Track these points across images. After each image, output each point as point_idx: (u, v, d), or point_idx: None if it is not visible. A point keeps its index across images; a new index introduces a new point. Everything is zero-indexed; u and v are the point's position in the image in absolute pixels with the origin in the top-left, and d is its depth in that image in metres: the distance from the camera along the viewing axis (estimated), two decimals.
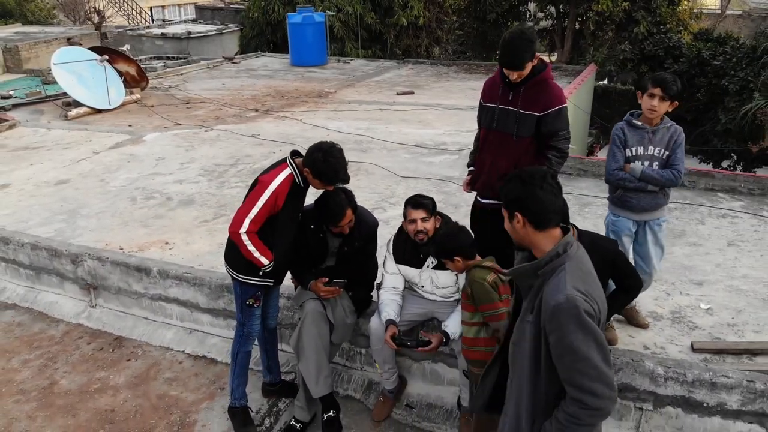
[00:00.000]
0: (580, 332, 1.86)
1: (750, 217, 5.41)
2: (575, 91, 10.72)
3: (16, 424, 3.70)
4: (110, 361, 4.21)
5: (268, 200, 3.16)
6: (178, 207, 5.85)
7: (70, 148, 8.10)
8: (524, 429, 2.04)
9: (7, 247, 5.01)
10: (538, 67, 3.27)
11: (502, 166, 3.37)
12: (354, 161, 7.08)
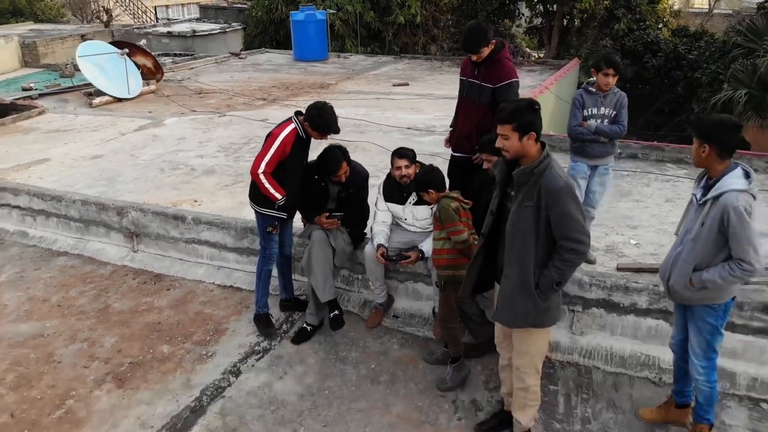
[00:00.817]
0: (573, 202, 2.83)
1: (690, 182, 6.33)
2: (556, 83, 11.66)
3: (80, 334, 4.63)
4: (153, 290, 5.15)
5: (278, 148, 4.10)
6: (201, 175, 6.79)
7: (98, 131, 9.03)
8: (531, 280, 2.94)
9: (60, 203, 5.94)
10: (496, 49, 4.20)
11: (467, 126, 4.33)
12: (352, 140, 8.06)
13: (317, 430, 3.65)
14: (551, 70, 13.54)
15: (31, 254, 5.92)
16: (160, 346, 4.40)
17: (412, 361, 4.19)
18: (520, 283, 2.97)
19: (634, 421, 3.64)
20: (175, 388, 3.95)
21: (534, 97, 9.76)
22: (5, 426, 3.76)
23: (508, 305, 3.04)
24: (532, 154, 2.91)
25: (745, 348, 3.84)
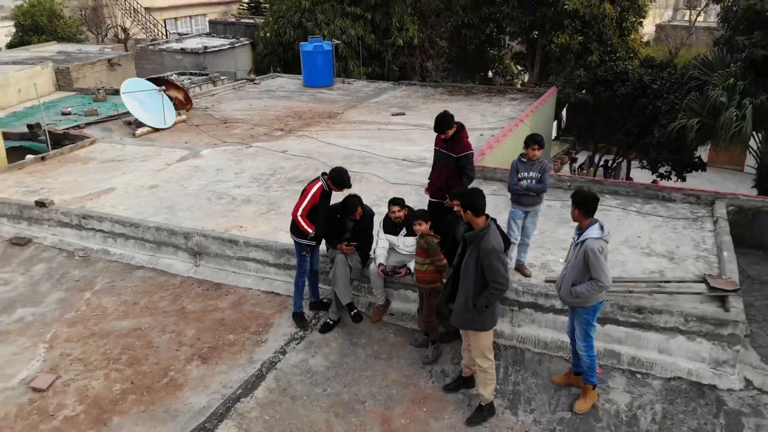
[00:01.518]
0: (497, 259, 4.66)
1: (620, 211, 8.22)
2: (531, 114, 13.53)
3: (167, 327, 6.50)
4: (215, 295, 7.02)
5: (311, 199, 5.98)
6: (241, 204, 8.67)
7: (147, 161, 10.91)
8: (471, 302, 4.78)
9: (137, 229, 7.80)
10: (458, 130, 6.08)
11: (440, 182, 6.22)
12: (358, 171, 9.94)
13: (339, 389, 5.52)
14: (531, 98, 15.41)
15: (115, 268, 7.79)
16: (227, 335, 6.28)
17: (402, 345, 6.07)
18: (464, 303, 4.84)
19: (549, 384, 5.52)
20: (243, 363, 5.82)
21: (510, 130, 11.72)
22: (129, 390, 5.63)
23: (458, 315, 4.92)
24: (478, 223, 4.77)
25: (626, 336, 5.71)
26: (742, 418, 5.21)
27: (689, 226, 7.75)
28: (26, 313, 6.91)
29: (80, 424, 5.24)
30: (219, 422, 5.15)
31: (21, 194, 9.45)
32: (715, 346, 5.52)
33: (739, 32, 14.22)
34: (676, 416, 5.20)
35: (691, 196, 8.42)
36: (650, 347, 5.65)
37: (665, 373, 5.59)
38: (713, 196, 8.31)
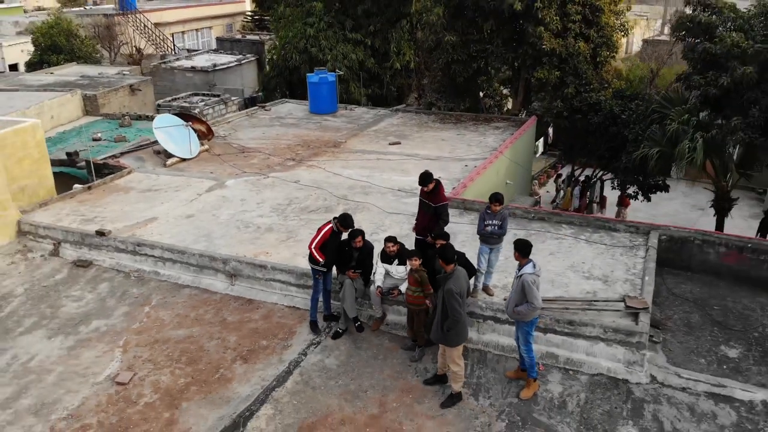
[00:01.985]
0: (452, 299, 6.56)
1: (572, 239, 10.12)
2: (511, 145, 15.43)
3: (214, 335, 8.38)
4: (248, 309, 8.91)
5: (322, 237, 7.89)
6: (265, 233, 10.57)
7: (180, 191, 12.80)
8: (441, 327, 6.69)
9: (183, 255, 9.70)
10: (436, 185, 8.00)
11: (423, 224, 8.13)
12: (360, 201, 11.85)
13: (347, 381, 7.41)
14: (513, 127, 17.31)
15: (165, 286, 9.69)
16: (260, 341, 8.17)
17: (395, 349, 7.96)
18: (437, 326, 6.76)
19: (503, 377, 7.41)
20: (275, 362, 7.72)
21: (490, 162, 13.59)
22: (191, 382, 7.51)
23: (434, 333, 6.82)
24: (447, 269, 6.67)
25: (562, 342, 7.60)
26: (644, 404, 7.12)
27: (626, 253, 9.66)
28: (100, 324, 8.80)
29: (157, 408, 7.13)
30: (260, 405, 7.05)
31: (78, 222, 11.35)
32: (627, 351, 7.42)
33: (696, 71, 16.13)
34: (594, 402, 7.11)
35: (632, 227, 10.32)
36: (580, 351, 7.55)
37: (590, 370, 7.49)
38: (649, 228, 10.21)
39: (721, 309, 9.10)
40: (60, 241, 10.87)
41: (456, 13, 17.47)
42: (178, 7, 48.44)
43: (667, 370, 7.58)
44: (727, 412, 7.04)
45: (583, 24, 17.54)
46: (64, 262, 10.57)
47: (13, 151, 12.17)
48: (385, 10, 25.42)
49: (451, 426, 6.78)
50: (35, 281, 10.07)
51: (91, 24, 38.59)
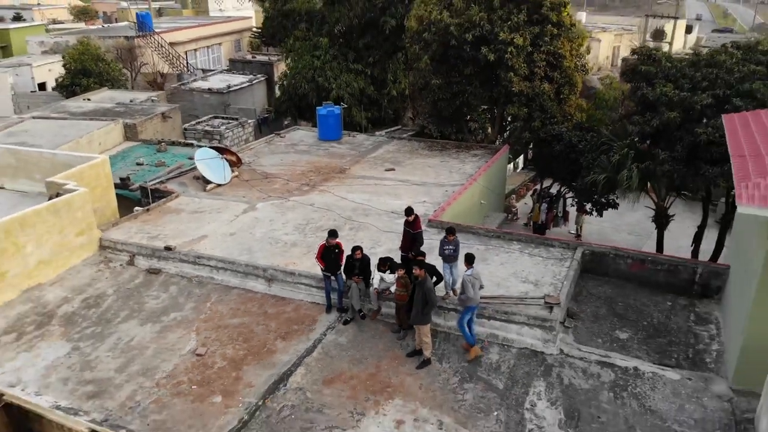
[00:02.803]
0: (430, 292, 10.13)
1: (518, 253, 13.63)
2: (485, 173, 18.93)
3: (260, 322, 11.90)
4: (282, 304, 12.43)
5: (318, 251, 11.55)
6: (291, 247, 14.08)
7: (222, 213, 16.30)
8: (419, 311, 10.21)
9: (233, 264, 13.21)
10: (415, 217, 11.56)
11: (405, 243, 11.71)
12: (362, 222, 15.36)
13: (354, 353, 10.93)
14: (489, 155, 20.81)
15: (220, 288, 13.19)
16: (293, 326, 11.69)
17: (386, 331, 11.48)
18: (416, 313, 10.30)
19: (460, 349, 10.93)
20: (304, 340, 11.23)
21: (465, 188, 17.09)
22: (247, 354, 11.03)
23: (413, 318, 10.35)
24: (422, 275, 10.19)
25: (500, 326, 11.11)
26: (552, 368, 10.63)
27: (556, 263, 13.18)
28: (176, 315, 12.31)
29: (227, 370, 10.64)
30: (296, 367, 10.56)
31: (146, 239, 14.86)
32: (544, 332, 10.94)
33: (637, 112, 19.62)
34: (519, 366, 10.62)
35: (564, 244, 13.84)
36: (512, 332, 11.06)
37: (519, 345, 11.00)
38: (577, 244, 13.73)
39: (624, 305, 12.63)
40: (135, 254, 14.37)
41: (441, 60, 20.98)
42: (190, 27, 51.97)
43: (572, 346, 11.10)
44: (608, 373, 10.55)
45: (548, 68, 21.02)
46: (139, 270, 14.08)
47: (89, 182, 15.67)
48: (383, 44, 28.93)
49: (422, 380, 10.30)
50: (120, 284, 13.58)
51: (114, 46, 42.08)
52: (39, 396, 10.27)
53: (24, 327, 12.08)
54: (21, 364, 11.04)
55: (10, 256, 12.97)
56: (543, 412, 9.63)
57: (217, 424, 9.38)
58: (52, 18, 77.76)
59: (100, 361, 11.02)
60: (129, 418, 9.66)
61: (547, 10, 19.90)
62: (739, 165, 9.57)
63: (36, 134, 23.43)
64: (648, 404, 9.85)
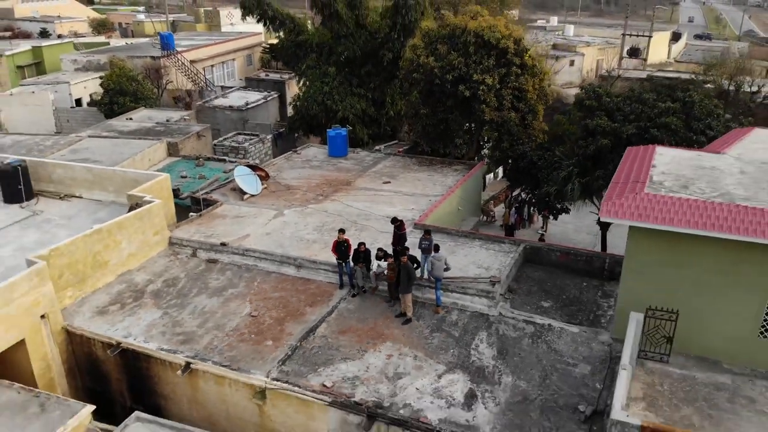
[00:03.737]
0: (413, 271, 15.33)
1: (479, 248, 18.73)
2: (462, 185, 24.03)
3: (293, 298, 17.02)
4: (308, 284, 17.55)
5: (332, 245, 16.69)
6: (312, 244, 19.22)
7: (258, 218, 21.42)
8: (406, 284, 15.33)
9: (273, 256, 18.33)
10: (400, 224, 16.72)
11: (394, 240, 16.86)
12: (365, 224, 20.56)
13: (359, 315, 16.04)
14: (466, 169, 25.90)
15: (262, 273, 18.31)
16: (317, 298, 16.82)
17: (381, 301, 16.61)
18: (405, 285, 15.43)
19: (430, 312, 16.04)
20: (325, 306, 16.36)
21: (445, 198, 22.28)
22: (286, 315, 16.16)
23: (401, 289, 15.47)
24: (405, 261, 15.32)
25: (459, 297, 16.22)
26: (492, 324, 15.73)
27: (504, 255, 18.29)
28: (233, 291, 17.42)
29: (274, 325, 15.76)
30: (320, 324, 15.67)
31: (204, 237, 19.96)
32: (489, 301, 16.05)
33: (581, 137, 24.69)
34: (471, 323, 15.73)
35: (512, 241, 18.92)
36: (467, 301, 16.17)
37: (471, 309, 16.10)
38: (521, 241, 18.82)
39: (551, 284, 17.71)
40: (196, 248, 19.49)
41: (427, 94, 26.08)
42: (208, 45, 57.01)
43: (508, 310, 16.20)
44: (530, 327, 15.64)
45: (514, 100, 26.09)
46: (201, 260, 19.19)
47: (157, 194, 20.75)
48: (382, 72, 34.09)
49: (405, 331, 15.39)
50: (188, 270, 18.68)
51: (142, 66, 47.19)
52: (146, 343, 15.38)
53: (124, 300, 17.21)
54: (128, 324, 16.15)
55: (111, 250, 18.10)
56: (483, 351, 14.73)
57: (271, 357, 14.50)
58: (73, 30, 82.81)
59: (185, 321, 16.15)
60: (211, 355, 14.77)
61: (511, 56, 24.98)
62: (611, 189, 14.65)
63: (96, 152, 28.56)
64: (553, 346, 14.95)
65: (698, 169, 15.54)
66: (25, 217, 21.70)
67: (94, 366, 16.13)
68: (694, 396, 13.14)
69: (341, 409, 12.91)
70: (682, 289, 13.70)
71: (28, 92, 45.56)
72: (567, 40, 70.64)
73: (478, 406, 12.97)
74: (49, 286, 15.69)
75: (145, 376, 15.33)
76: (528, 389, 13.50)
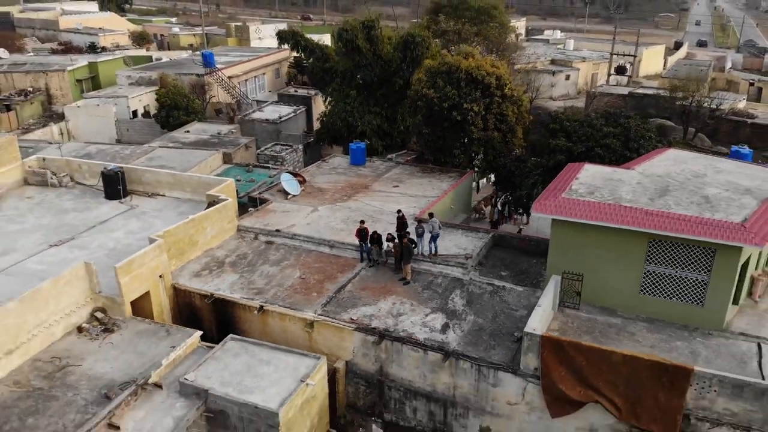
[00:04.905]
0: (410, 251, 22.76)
1: (460, 235, 26.08)
2: (453, 190, 31.37)
3: (328, 268, 24.50)
4: (338, 258, 25.03)
5: (356, 231, 24.12)
6: (340, 231, 26.72)
7: (300, 213, 28.97)
8: (407, 258, 22.73)
9: (313, 239, 25.83)
10: (402, 215, 24.16)
11: (399, 226, 24.30)
12: (378, 218, 28.11)
13: (374, 278, 23.48)
14: (459, 176, 33.19)
15: (305, 251, 25.81)
16: (345, 267, 24.28)
17: (389, 270, 24.03)
18: (405, 258, 22.82)
19: (425, 277, 23.44)
20: (350, 273, 23.81)
21: (439, 199, 29.84)
22: (324, 277, 23.66)
23: (403, 260, 22.85)
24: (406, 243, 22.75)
25: (443, 268, 23.57)
26: (465, 285, 23.07)
27: (478, 240, 25.59)
28: (287, 262, 24.95)
29: (316, 284, 23.26)
30: (347, 284, 23.11)
31: (262, 225, 27.52)
32: (463, 270, 23.39)
33: (546, 153, 31.84)
34: (450, 284, 23.12)
35: (485, 231, 26.23)
36: (448, 270, 23.52)
37: (450, 276, 23.44)
38: (492, 231, 26.10)
39: (510, 261, 25.01)
40: (257, 233, 27.04)
41: (429, 117, 33.43)
42: (242, 62, 64.72)
43: (477, 277, 23.52)
44: (491, 287, 22.96)
45: (497, 122, 33.34)
46: (261, 242, 26.72)
47: (226, 194, 28.36)
48: (394, 94, 41.45)
49: (405, 289, 22.78)
50: (253, 248, 26.23)
51: (188, 82, 54.99)
52: (232, 294, 22.95)
53: (211, 267, 24.79)
54: (216, 283, 23.73)
55: (200, 233, 25.70)
56: (456, 301, 22.06)
57: (316, 302, 21.97)
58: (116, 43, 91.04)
59: (256, 281, 23.69)
60: (276, 301, 22.27)
61: (493, 89, 32.26)
62: (543, 194, 21.92)
63: (168, 160, 36.31)
64: (504, 299, 22.25)
65: (607, 180, 22.75)
66: (125, 210, 29.45)
67: (192, 311, 23.69)
68: (592, 329, 20.40)
69: (362, 332, 20.36)
70: (586, 260, 20.94)
71: (93, 105, 53.64)
72: (565, 56, 77.46)
73: (449, 332, 20.36)
74: (164, 256, 23.32)
75: (229, 316, 22.85)
76: (483, 323, 20.86)
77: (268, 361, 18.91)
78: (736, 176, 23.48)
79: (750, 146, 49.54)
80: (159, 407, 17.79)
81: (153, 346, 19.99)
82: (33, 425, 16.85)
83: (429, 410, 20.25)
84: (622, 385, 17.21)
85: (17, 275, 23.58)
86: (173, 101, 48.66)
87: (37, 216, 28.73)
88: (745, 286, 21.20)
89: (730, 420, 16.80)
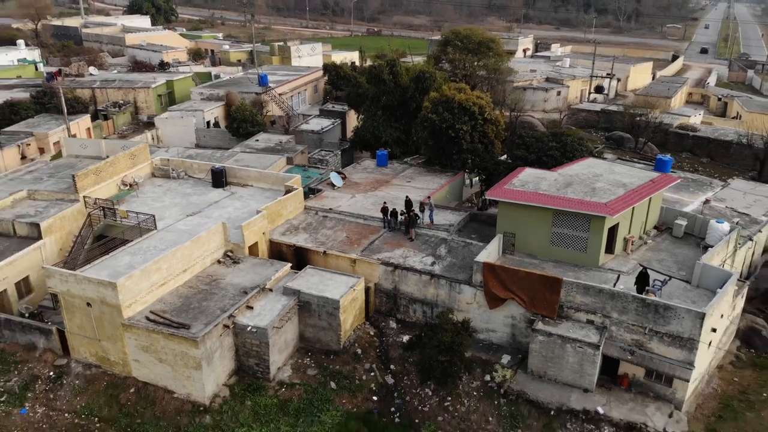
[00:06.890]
0: (414, 221, 37.33)
1: (449, 213, 40.55)
2: (447, 186, 45.81)
3: (361, 232, 39.16)
4: (369, 226, 39.69)
5: (381, 208, 38.78)
6: (372, 209, 41.37)
7: (343, 198, 43.73)
8: (413, 224, 37.28)
9: (352, 214, 40.52)
10: (409, 199, 38.80)
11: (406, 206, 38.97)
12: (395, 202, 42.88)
13: (394, 239, 38.05)
14: (453, 175, 47.53)
15: (347, 221, 40.47)
16: (374, 232, 38.88)
17: (401, 233, 38.57)
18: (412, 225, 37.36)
19: (423, 238, 37.99)
20: (377, 234, 38.37)
21: (437, 191, 44.66)
22: (360, 237, 38.30)
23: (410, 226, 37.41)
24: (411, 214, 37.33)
25: (435, 233, 38.07)
26: (447, 241, 37.53)
27: (459, 216, 39.97)
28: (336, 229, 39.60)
29: (356, 240, 37.90)
30: (376, 240, 37.67)
31: (320, 206, 42.31)
32: (447, 233, 37.84)
33: (513, 159, 46.00)
34: (438, 242, 37.61)
35: (465, 211, 40.63)
36: (439, 234, 37.94)
37: (439, 237, 37.87)
38: (469, 210, 40.49)
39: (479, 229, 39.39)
40: (318, 210, 41.82)
41: (432, 133, 47.84)
42: (289, 81, 79.63)
43: (456, 237, 37.92)
44: (464, 243, 37.33)
45: (481, 137, 47.57)
46: (320, 216, 41.45)
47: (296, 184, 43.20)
48: (409, 114, 55.97)
49: (410, 244, 37.24)
50: (315, 220, 40.95)
51: (250, 101, 70.08)
52: (306, 244, 37.79)
53: (290, 230, 39.64)
54: (296, 239, 38.58)
55: (283, 209, 40.53)
56: (442, 250, 36.48)
57: (357, 250, 36.63)
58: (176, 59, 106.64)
59: (319, 238, 38.41)
60: (333, 248, 36.98)
61: (476, 115, 46.55)
62: (495, 186, 36.28)
63: (248, 161, 51.28)
64: (471, 250, 36.66)
65: (536, 178, 37.01)
66: (228, 195, 44.51)
67: (281, 255, 38.50)
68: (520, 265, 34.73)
69: (384, 265, 34.98)
70: (518, 225, 35.26)
71: (177, 116, 68.95)
72: (558, 74, 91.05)
73: (436, 266, 34.86)
74: (265, 221, 38.28)
75: (304, 258, 37.61)
76: (456, 261, 35.32)
77: (331, 278, 33.76)
78: (623, 176, 37.58)
79: (691, 153, 64.06)
80: (272, 300, 32.76)
81: (264, 271, 34.99)
82: (206, 306, 31.86)
83: (423, 310, 34.79)
84: (526, 288, 31.53)
85: (173, 232, 38.72)
86: (242, 115, 63.72)
87: (170, 198, 43.93)
88: (619, 243, 35.33)
89: (584, 308, 31.01)
